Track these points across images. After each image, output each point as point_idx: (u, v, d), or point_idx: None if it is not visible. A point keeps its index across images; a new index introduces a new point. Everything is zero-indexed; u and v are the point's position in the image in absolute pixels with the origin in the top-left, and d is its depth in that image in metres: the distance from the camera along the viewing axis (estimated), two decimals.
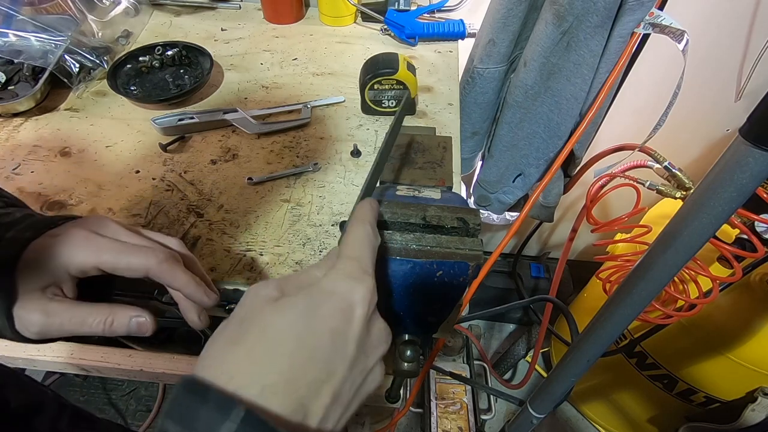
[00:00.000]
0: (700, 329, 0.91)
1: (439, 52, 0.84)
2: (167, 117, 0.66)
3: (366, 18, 0.88)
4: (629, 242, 0.92)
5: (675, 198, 0.72)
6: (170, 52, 0.75)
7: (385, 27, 0.85)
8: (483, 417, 1.24)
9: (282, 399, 0.22)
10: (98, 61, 0.73)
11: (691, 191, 0.57)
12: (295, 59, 0.80)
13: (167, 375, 0.52)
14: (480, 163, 1.06)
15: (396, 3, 0.85)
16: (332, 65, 0.80)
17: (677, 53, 0.64)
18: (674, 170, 0.72)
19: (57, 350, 0.52)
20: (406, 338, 0.38)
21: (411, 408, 1.23)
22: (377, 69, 0.65)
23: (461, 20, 0.85)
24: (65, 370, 0.54)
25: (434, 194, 0.44)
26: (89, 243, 0.33)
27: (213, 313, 0.40)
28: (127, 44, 0.81)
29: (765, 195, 0.66)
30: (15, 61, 0.68)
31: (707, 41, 0.90)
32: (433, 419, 1.21)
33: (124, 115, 0.70)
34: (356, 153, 0.64)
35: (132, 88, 0.72)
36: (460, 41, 0.86)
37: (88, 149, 0.64)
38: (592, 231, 0.88)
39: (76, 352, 0.52)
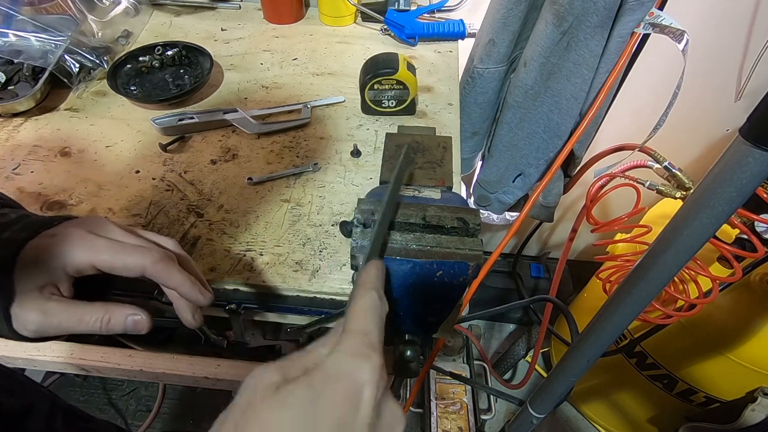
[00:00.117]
0: (700, 329, 0.91)
1: (439, 52, 0.83)
2: (167, 117, 0.66)
3: (366, 18, 0.88)
4: (629, 242, 0.93)
5: (675, 198, 0.72)
6: (170, 52, 0.75)
7: (385, 27, 0.85)
8: (483, 417, 1.24)
9: None
10: (98, 61, 0.73)
11: (691, 191, 0.57)
12: (295, 59, 0.81)
13: (167, 375, 0.52)
14: (480, 163, 1.06)
15: (396, 3, 0.85)
16: (332, 65, 0.80)
17: (677, 53, 0.64)
18: (674, 170, 0.72)
19: (57, 350, 0.52)
20: (406, 338, 0.38)
21: (411, 408, 1.23)
22: (377, 69, 0.65)
23: (461, 20, 0.85)
24: (65, 370, 0.54)
25: (434, 194, 0.44)
26: (86, 243, 0.33)
27: (208, 313, 0.40)
28: (127, 44, 0.81)
29: (765, 195, 0.66)
30: (15, 61, 0.68)
31: (707, 41, 0.90)
32: (433, 419, 1.21)
33: (124, 115, 0.70)
34: (356, 153, 0.64)
35: (132, 88, 0.72)
36: (460, 41, 0.86)
37: (88, 149, 0.64)
38: (592, 231, 0.88)
39: (76, 352, 0.52)
